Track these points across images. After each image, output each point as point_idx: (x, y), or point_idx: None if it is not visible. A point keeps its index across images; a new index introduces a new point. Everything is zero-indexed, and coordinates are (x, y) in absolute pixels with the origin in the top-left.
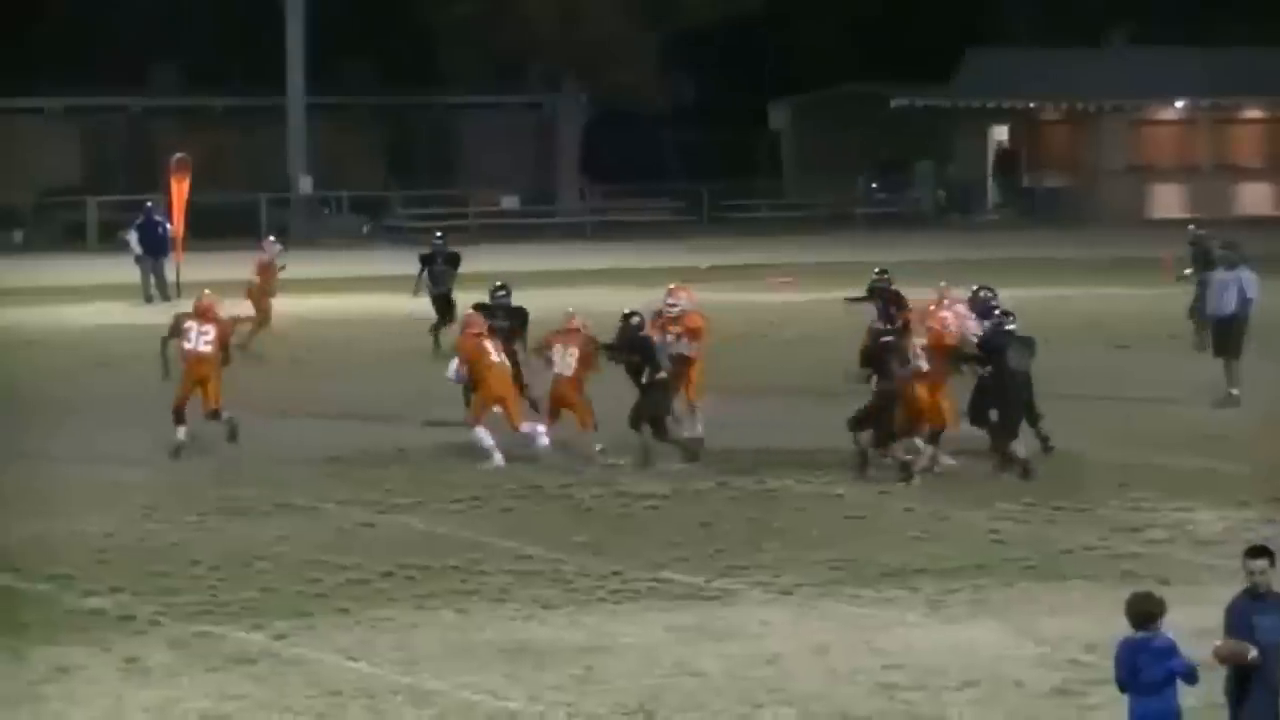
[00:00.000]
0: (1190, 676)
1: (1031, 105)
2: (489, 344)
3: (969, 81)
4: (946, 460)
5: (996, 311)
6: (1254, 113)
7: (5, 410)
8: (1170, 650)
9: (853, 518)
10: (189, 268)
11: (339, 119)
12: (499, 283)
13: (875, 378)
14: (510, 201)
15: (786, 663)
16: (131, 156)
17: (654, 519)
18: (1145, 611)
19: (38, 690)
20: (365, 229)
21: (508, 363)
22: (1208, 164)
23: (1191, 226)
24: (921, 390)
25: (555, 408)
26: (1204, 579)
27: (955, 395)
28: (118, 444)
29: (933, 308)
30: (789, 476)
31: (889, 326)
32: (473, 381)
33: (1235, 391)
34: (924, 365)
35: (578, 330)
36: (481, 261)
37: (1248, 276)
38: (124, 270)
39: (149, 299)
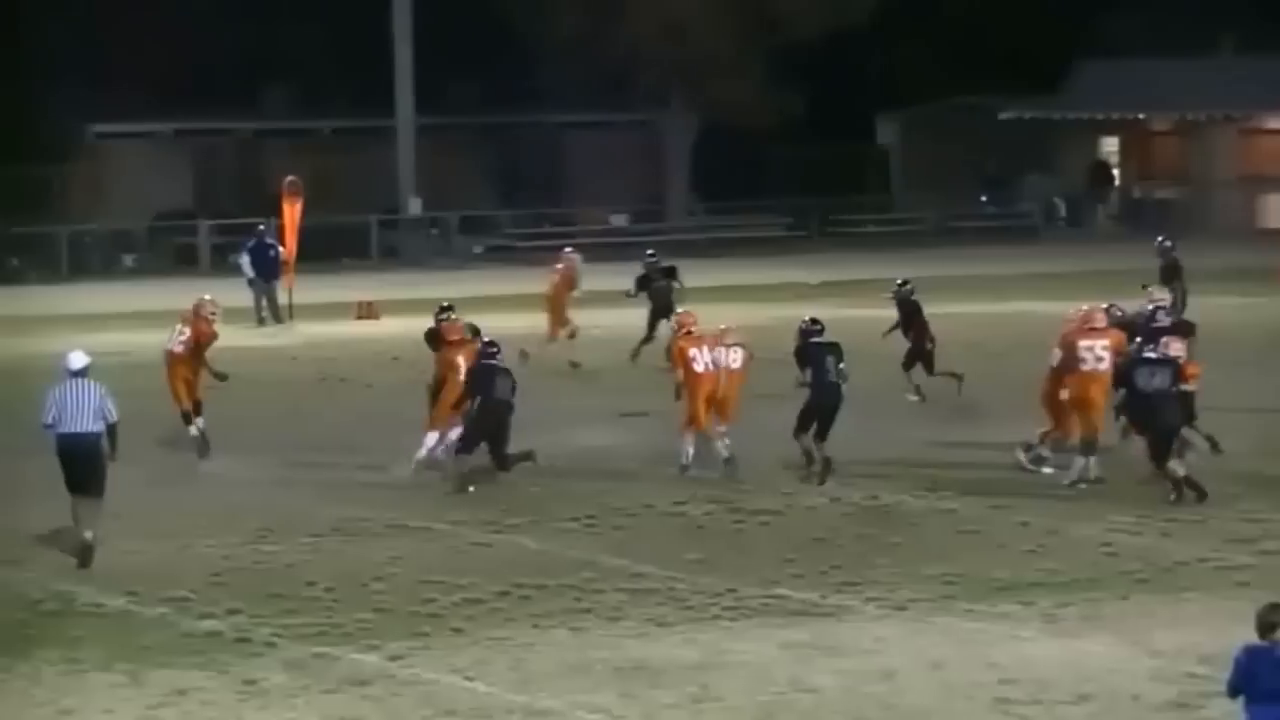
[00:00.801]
0: None
1: (1140, 116)
2: (695, 350)
3: (1077, 93)
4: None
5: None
6: None
7: (119, 435)
8: None
9: (966, 532)
10: (300, 290)
11: (446, 140)
12: (649, 250)
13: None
14: (619, 219)
15: (901, 678)
16: (241, 179)
17: (767, 535)
18: (1270, 621)
19: (156, 714)
20: (478, 249)
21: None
22: None
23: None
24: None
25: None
26: None
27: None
28: (231, 467)
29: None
30: (902, 491)
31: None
32: (685, 385)
33: None
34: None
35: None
36: (591, 281)
37: None
38: (236, 293)
39: (261, 322)
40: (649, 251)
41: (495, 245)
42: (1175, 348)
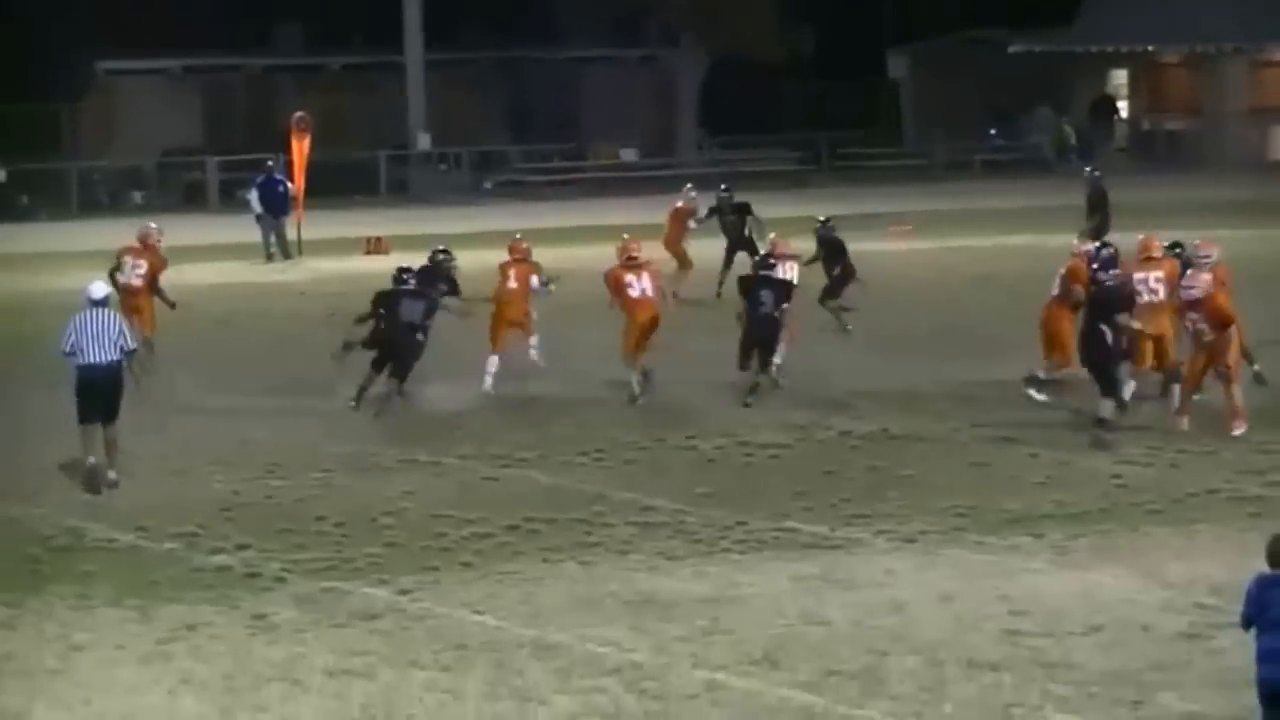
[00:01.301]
0: None
1: (1151, 49)
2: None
3: (1087, 26)
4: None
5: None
6: None
7: (137, 386)
8: None
9: (976, 464)
10: (309, 226)
11: (456, 76)
12: (723, 184)
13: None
14: (629, 154)
15: (912, 611)
16: (251, 116)
17: (777, 468)
18: None
19: (166, 648)
20: (487, 185)
21: None
22: None
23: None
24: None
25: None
26: None
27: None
28: (241, 402)
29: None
30: (912, 424)
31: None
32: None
33: None
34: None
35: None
36: (604, 214)
37: None
38: (245, 229)
39: (269, 258)
40: (722, 185)
41: (505, 180)
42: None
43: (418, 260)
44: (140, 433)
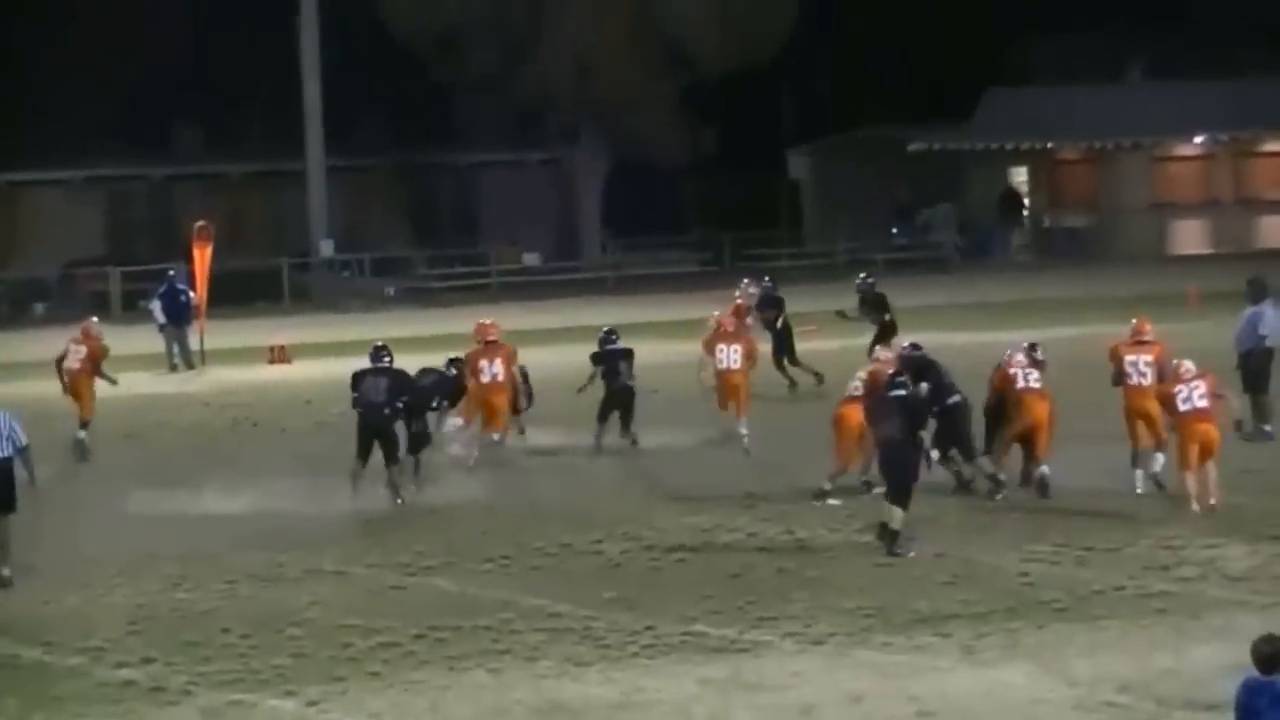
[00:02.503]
0: None
1: (1050, 145)
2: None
3: (987, 122)
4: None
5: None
6: (1274, 145)
7: (32, 483)
8: None
9: (883, 565)
10: (212, 335)
11: (358, 181)
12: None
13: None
14: (532, 258)
15: (820, 713)
16: (153, 225)
17: (684, 572)
18: (1271, 654)
19: None
20: (390, 291)
21: None
22: (1229, 198)
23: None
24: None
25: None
26: (1236, 615)
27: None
28: (146, 512)
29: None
30: (818, 525)
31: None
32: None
33: (1268, 428)
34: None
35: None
36: (507, 319)
37: (1270, 312)
38: (149, 340)
39: (173, 368)
40: (766, 279)
41: (408, 286)
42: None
43: (325, 368)
44: (43, 543)
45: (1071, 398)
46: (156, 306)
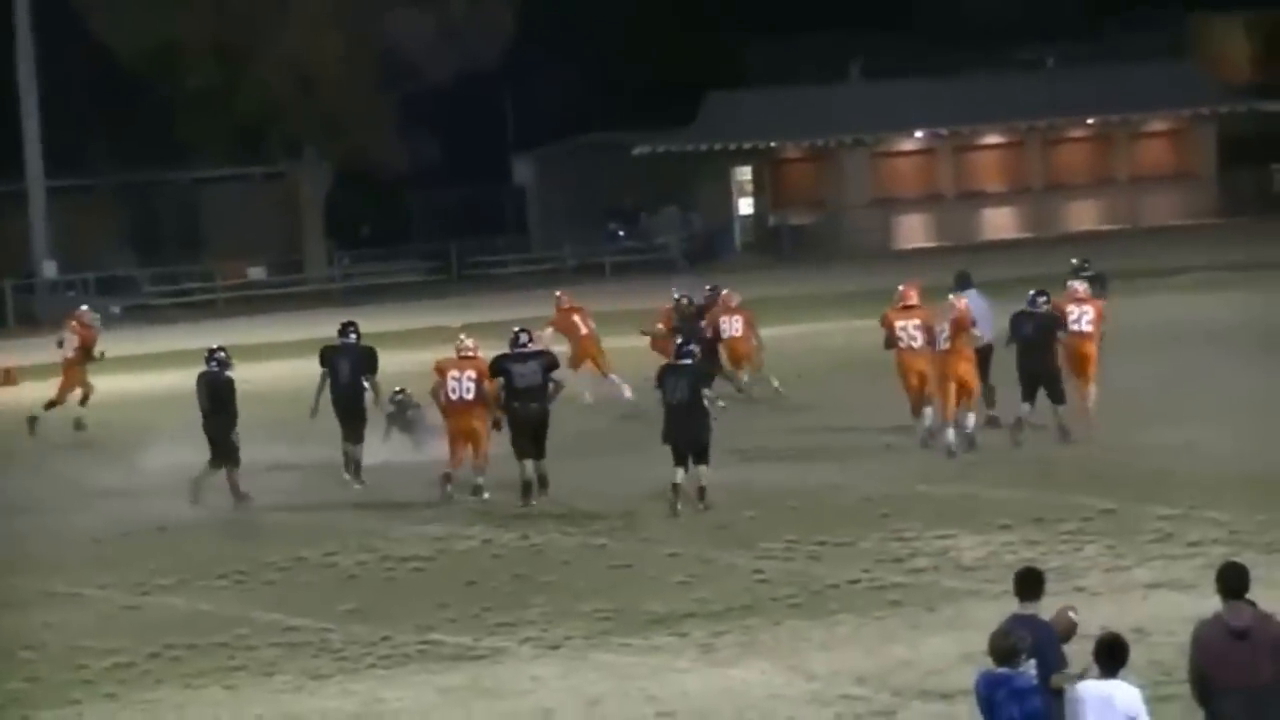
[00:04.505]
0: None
1: (773, 145)
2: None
3: (709, 125)
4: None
5: None
6: (992, 139)
7: None
8: (1032, 690)
9: (618, 567)
10: None
11: (80, 201)
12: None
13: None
14: (257, 272)
15: (560, 717)
16: None
17: (420, 581)
18: (1008, 649)
19: None
20: (115, 310)
21: None
22: (950, 192)
23: None
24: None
25: None
26: (969, 605)
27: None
28: None
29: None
30: (553, 530)
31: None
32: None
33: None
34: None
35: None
36: (236, 334)
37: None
38: None
39: None
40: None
41: (134, 305)
42: None
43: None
44: None
45: (812, 393)
46: None
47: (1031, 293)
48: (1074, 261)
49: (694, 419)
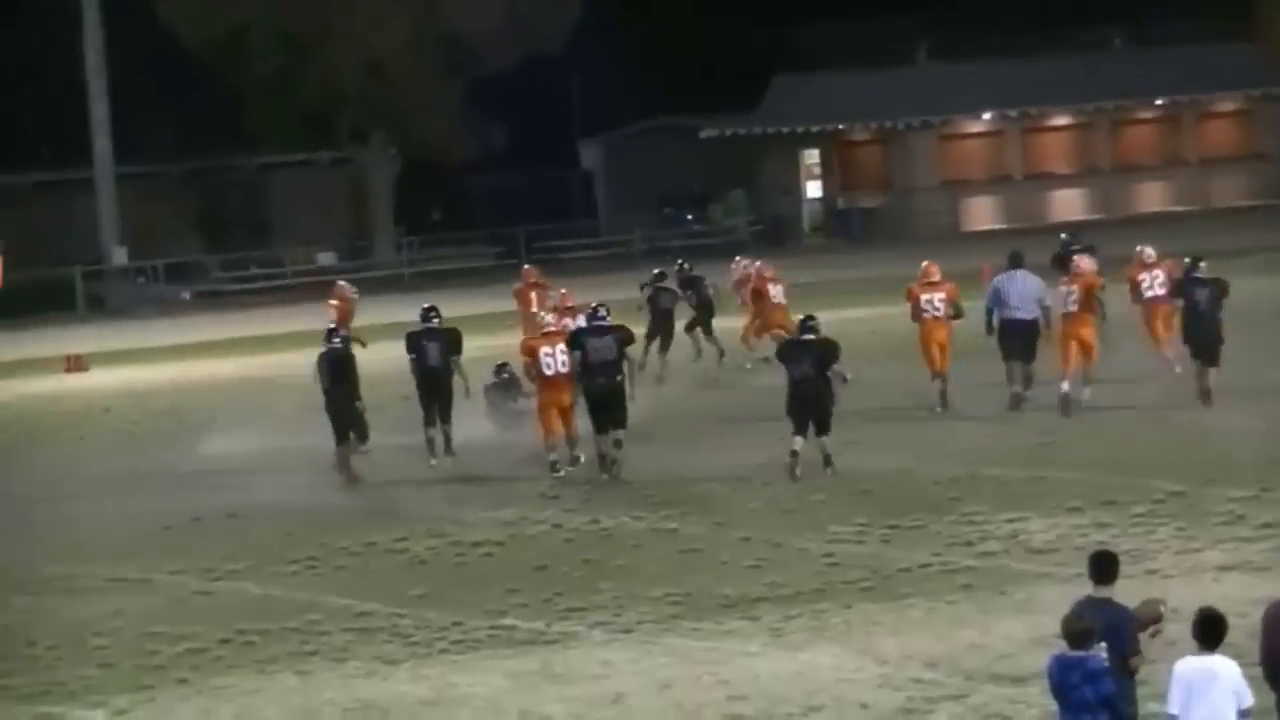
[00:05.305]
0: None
1: (840, 127)
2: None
3: (776, 108)
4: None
5: None
6: (1060, 120)
7: None
8: (1104, 672)
9: (688, 551)
10: (7, 347)
11: (148, 187)
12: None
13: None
14: (327, 258)
15: (631, 701)
16: None
17: (490, 566)
18: (1083, 631)
19: None
20: (186, 295)
21: None
22: (1019, 174)
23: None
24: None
25: None
26: (1039, 588)
27: None
28: None
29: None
30: (623, 514)
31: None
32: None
33: (1027, 393)
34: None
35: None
36: (304, 320)
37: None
38: None
39: None
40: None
41: (203, 290)
42: None
43: (122, 375)
44: None
45: (879, 377)
46: None
47: (1188, 260)
48: (1063, 236)
49: (818, 392)
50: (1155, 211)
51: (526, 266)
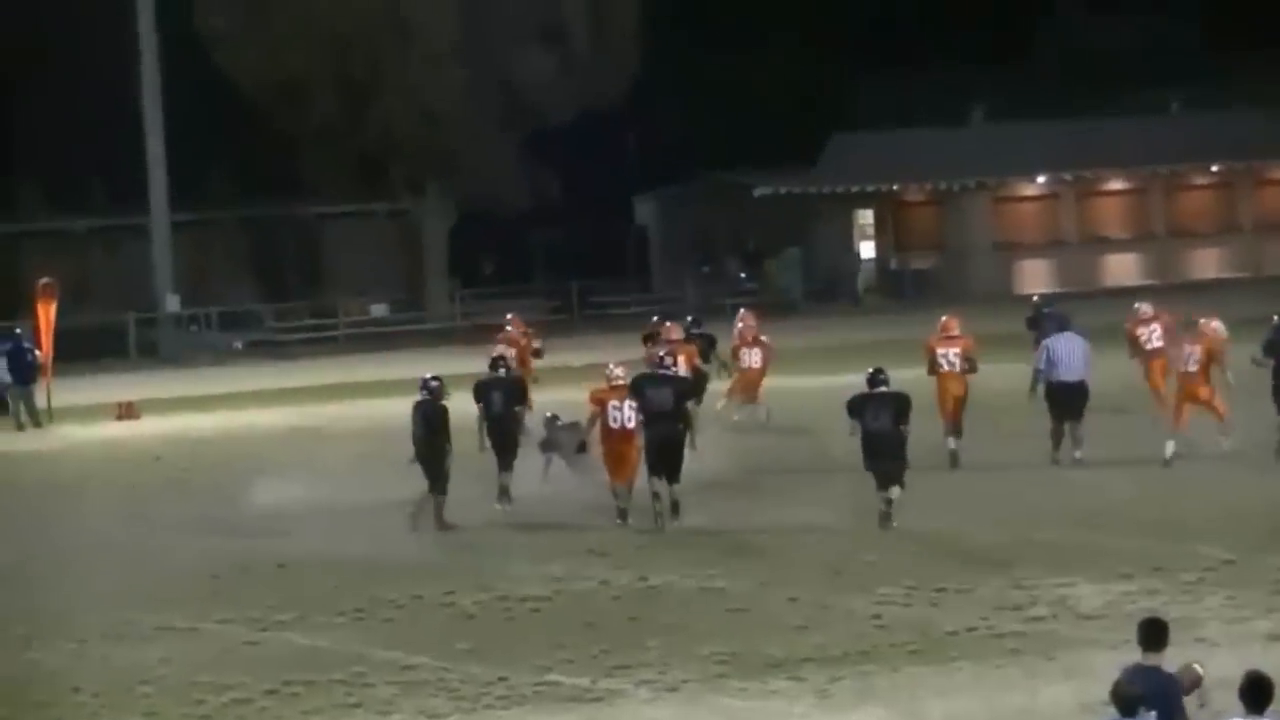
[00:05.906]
0: None
1: (895, 187)
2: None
3: (832, 167)
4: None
5: None
6: (1116, 184)
7: None
8: None
9: (735, 610)
10: (59, 392)
11: (202, 235)
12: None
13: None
14: (379, 309)
15: None
16: None
17: (537, 621)
18: (1133, 697)
19: None
20: (238, 345)
21: None
22: (1073, 237)
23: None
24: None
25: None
26: (1087, 654)
27: None
28: None
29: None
30: (670, 571)
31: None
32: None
33: (1078, 454)
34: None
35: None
36: (356, 372)
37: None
38: None
39: (20, 427)
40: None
41: (256, 340)
42: None
43: (174, 423)
44: None
45: (935, 437)
46: (2, 366)
47: (1277, 317)
48: (1035, 299)
49: (892, 445)
50: (1210, 278)
51: (510, 315)
